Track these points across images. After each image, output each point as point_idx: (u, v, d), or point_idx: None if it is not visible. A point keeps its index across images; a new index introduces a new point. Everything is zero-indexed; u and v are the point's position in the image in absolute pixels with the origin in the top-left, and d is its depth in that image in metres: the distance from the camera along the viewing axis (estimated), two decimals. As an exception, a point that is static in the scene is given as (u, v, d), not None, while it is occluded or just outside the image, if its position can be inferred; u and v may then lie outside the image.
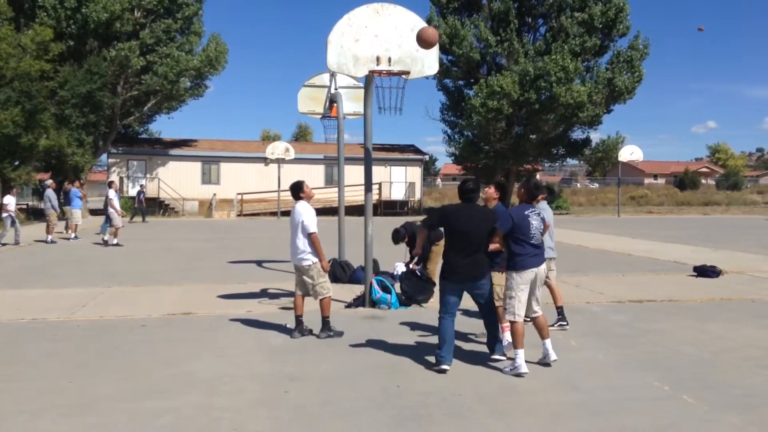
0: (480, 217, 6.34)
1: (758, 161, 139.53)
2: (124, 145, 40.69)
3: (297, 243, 7.46)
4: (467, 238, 6.20)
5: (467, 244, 6.20)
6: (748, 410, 5.04)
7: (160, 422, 4.76)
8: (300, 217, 7.43)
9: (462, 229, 6.22)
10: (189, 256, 16.38)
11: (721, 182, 74.58)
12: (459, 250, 6.23)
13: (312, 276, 7.45)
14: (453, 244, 6.29)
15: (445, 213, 6.44)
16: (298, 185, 7.70)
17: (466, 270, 6.22)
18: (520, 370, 5.93)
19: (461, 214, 6.31)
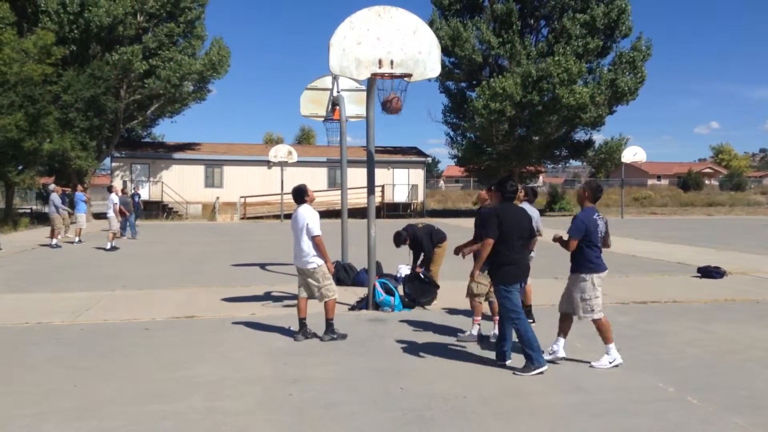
0: (526, 215, 6.56)
1: (761, 162, 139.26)
2: (128, 148, 40.77)
3: (302, 246, 7.46)
4: (522, 238, 6.34)
5: (522, 244, 6.35)
6: (752, 411, 5.02)
7: (163, 426, 4.76)
8: (304, 221, 7.44)
9: (518, 229, 6.31)
10: (192, 259, 16.40)
11: (724, 183, 74.43)
12: (517, 251, 6.27)
13: (317, 279, 7.45)
14: (511, 245, 6.22)
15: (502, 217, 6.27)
16: (302, 189, 7.71)
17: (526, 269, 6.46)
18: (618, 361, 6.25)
19: (516, 215, 6.40)
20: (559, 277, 12.57)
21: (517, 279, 6.30)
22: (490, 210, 6.75)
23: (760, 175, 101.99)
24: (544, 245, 8.89)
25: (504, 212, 6.33)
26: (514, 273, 6.26)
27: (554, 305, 9.53)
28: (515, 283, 6.27)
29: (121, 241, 19.98)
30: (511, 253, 6.22)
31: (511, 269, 6.24)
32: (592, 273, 6.28)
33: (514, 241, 6.23)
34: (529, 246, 7.00)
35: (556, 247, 6.58)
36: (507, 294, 6.22)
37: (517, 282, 6.29)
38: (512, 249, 6.23)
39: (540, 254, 9.39)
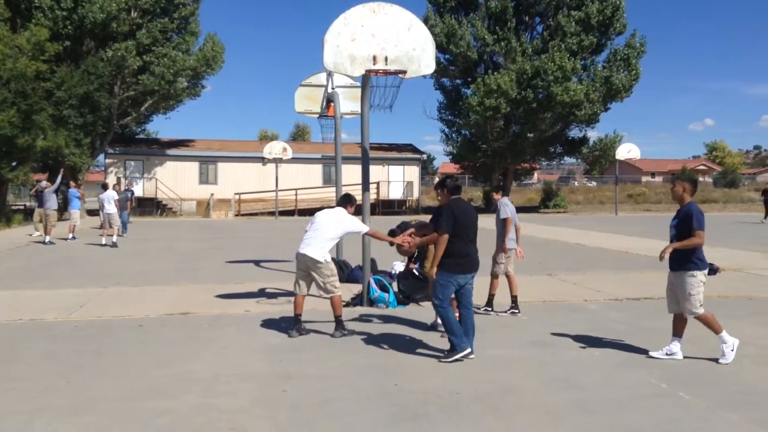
0: (473, 212, 6.74)
1: (755, 159, 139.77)
2: (122, 145, 40.66)
3: (317, 241, 7.45)
4: (472, 230, 6.54)
5: (472, 237, 6.53)
6: (746, 407, 5.04)
7: (157, 423, 4.75)
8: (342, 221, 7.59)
9: (469, 222, 6.53)
10: (187, 256, 16.37)
11: (718, 180, 74.64)
12: (468, 242, 6.47)
13: (323, 274, 7.45)
14: (462, 237, 6.43)
15: (453, 211, 6.49)
16: (351, 199, 7.90)
17: (476, 263, 6.58)
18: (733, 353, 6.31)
19: (465, 208, 6.61)
20: (553, 273, 12.62)
21: (466, 271, 6.49)
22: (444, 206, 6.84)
23: (753, 172, 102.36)
24: (538, 242, 8.87)
25: (457, 208, 6.53)
26: (465, 265, 6.47)
27: (546, 302, 9.61)
28: (461, 274, 6.45)
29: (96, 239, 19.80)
30: (466, 247, 6.46)
31: (463, 262, 6.45)
32: (700, 269, 6.35)
33: (467, 235, 6.47)
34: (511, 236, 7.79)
35: (551, 245, 6.57)
36: (446, 282, 6.44)
37: (464, 274, 6.47)
38: (469, 242, 6.50)
39: (534, 251, 9.44)
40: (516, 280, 8.96)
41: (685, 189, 6.44)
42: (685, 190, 6.44)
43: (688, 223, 6.25)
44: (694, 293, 6.29)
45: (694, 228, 6.20)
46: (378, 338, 7.26)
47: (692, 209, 6.29)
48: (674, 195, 6.53)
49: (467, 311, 6.62)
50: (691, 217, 6.23)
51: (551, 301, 9.73)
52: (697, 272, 6.31)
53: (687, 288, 6.30)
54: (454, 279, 6.45)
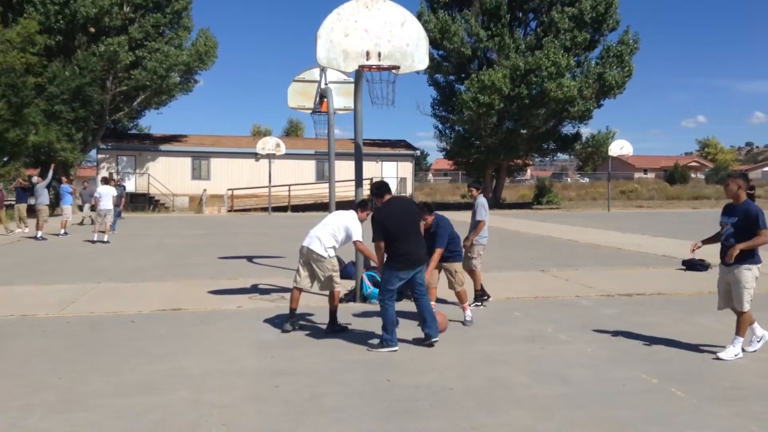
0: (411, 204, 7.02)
1: (747, 155, 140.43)
2: (114, 140, 40.54)
3: (323, 236, 7.44)
4: (407, 228, 6.73)
5: (411, 233, 6.74)
6: (735, 402, 5.07)
7: (149, 418, 4.75)
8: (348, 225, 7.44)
9: (405, 221, 6.74)
10: (179, 252, 16.34)
11: (710, 176, 74.98)
12: (405, 240, 6.68)
13: (325, 268, 7.45)
14: (397, 238, 6.68)
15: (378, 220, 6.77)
16: (364, 204, 7.77)
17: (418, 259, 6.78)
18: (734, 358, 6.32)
19: (398, 209, 6.83)
20: (545, 270, 12.66)
21: (408, 268, 6.70)
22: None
23: (745, 168, 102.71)
24: (531, 239, 8.89)
25: (382, 214, 6.81)
26: (405, 262, 6.69)
27: (538, 297, 9.65)
28: (406, 270, 6.69)
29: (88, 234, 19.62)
30: (403, 246, 6.68)
31: (404, 259, 6.69)
32: (757, 264, 6.40)
33: (405, 235, 6.69)
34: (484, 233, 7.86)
35: (544, 242, 6.60)
36: (388, 279, 6.71)
37: (408, 269, 6.69)
38: (405, 241, 6.69)
39: (527, 248, 9.45)
40: (481, 274, 9.08)
41: (740, 186, 6.46)
42: (740, 187, 6.46)
43: (752, 222, 6.27)
44: (749, 287, 6.35)
45: (759, 227, 6.23)
46: (370, 334, 7.27)
47: (754, 209, 6.33)
48: (729, 193, 6.52)
49: (419, 301, 6.86)
50: (757, 218, 6.26)
51: (543, 297, 9.77)
52: (753, 266, 6.36)
53: (742, 281, 6.34)
54: (397, 275, 6.71)
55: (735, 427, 4.57)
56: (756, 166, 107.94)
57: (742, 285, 6.32)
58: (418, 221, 6.89)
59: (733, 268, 6.36)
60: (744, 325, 6.40)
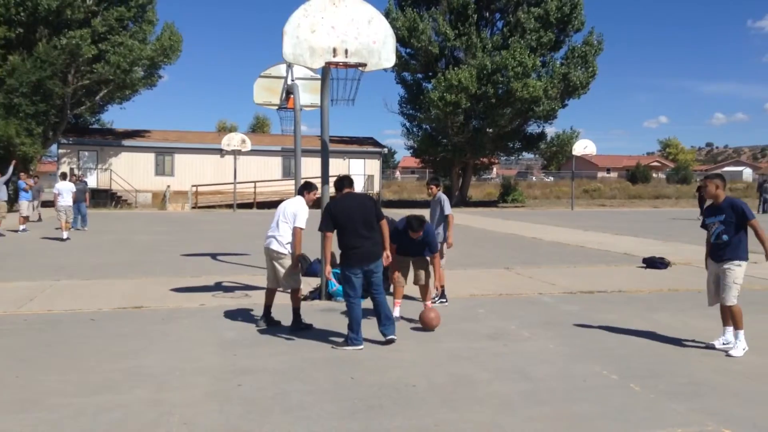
0: (364, 199, 6.95)
1: (707, 156, 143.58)
2: (75, 135, 39.74)
3: (279, 231, 7.45)
4: (358, 223, 6.67)
5: (361, 229, 6.67)
6: (692, 398, 5.18)
7: (108, 417, 4.67)
8: (295, 210, 7.45)
9: (354, 216, 6.68)
10: (141, 249, 16.10)
11: (671, 176, 76.46)
12: (357, 237, 6.65)
13: (284, 265, 7.43)
14: (350, 233, 6.67)
15: (330, 209, 6.80)
16: (309, 185, 7.80)
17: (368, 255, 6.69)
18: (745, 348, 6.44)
19: (348, 203, 6.80)
20: (510, 267, 12.78)
21: (360, 263, 6.65)
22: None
23: (705, 168, 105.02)
24: (496, 236, 8.98)
25: (335, 206, 6.80)
26: (355, 258, 6.64)
27: (502, 295, 9.73)
28: (357, 266, 6.64)
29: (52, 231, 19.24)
30: (350, 240, 6.65)
31: (352, 254, 6.65)
32: (746, 261, 6.50)
33: (352, 230, 6.65)
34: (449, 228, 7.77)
35: (509, 240, 6.67)
36: (348, 276, 6.67)
37: (358, 266, 6.66)
38: (352, 236, 6.65)
39: (492, 246, 9.53)
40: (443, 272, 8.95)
41: (718, 186, 6.61)
42: (718, 187, 6.61)
43: (739, 215, 6.41)
44: (739, 282, 6.48)
45: (748, 218, 6.39)
46: (335, 332, 7.25)
47: (738, 202, 6.50)
48: (708, 194, 6.67)
49: (376, 300, 6.84)
50: (743, 210, 6.41)
51: (507, 294, 9.86)
52: (743, 263, 6.49)
53: (733, 277, 6.46)
54: (350, 271, 6.66)
55: (691, 422, 4.67)
56: (716, 166, 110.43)
57: (732, 280, 6.46)
58: (372, 217, 6.78)
59: (725, 264, 6.49)
60: (739, 318, 6.50)
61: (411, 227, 7.79)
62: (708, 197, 6.72)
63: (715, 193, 6.59)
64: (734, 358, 6.35)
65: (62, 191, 18.16)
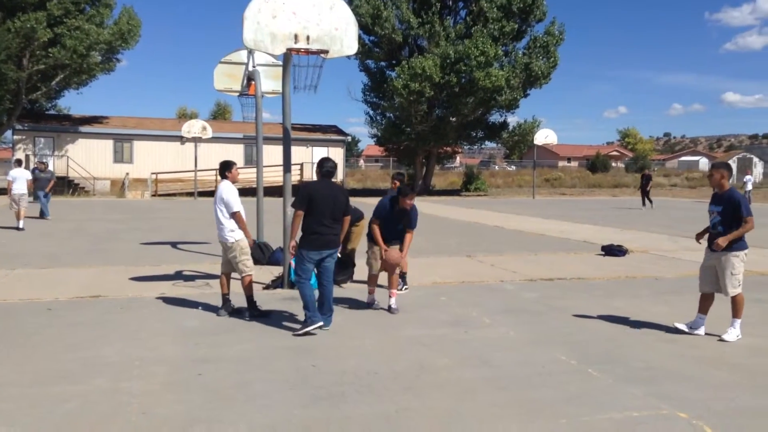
0: (336, 190, 6.95)
1: (665, 145, 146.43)
2: (31, 121, 38.69)
3: (220, 219, 7.48)
4: (328, 210, 6.77)
5: (329, 217, 6.77)
6: (648, 382, 5.30)
7: (65, 408, 4.59)
8: (221, 196, 7.48)
9: (325, 202, 6.76)
10: (100, 237, 15.80)
11: (630, 165, 77.75)
12: (323, 224, 6.76)
13: (235, 253, 7.45)
14: (318, 218, 6.75)
15: (309, 191, 6.82)
16: (224, 165, 7.78)
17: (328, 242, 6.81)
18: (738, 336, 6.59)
19: (324, 189, 6.86)
20: (472, 255, 12.88)
21: (319, 248, 6.79)
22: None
23: (663, 158, 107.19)
24: (459, 225, 9.01)
25: (314, 188, 6.83)
26: (316, 242, 6.77)
27: (465, 282, 9.81)
28: (315, 250, 6.78)
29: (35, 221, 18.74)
30: (316, 225, 6.75)
31: (314, 238, 6.76)
32: (744, 249, 6.55)
33: (319, 215, 6.74)
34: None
35: (471, 228, 6.71)
36: (300, 257, 6.83)
37: (316, 250, 6.79)
38: (317, 221, 6.75)
39: (455, 234, 9.58)
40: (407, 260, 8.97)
41: (723, 176, 6.65)
42: (723, 176, 6.65)
43: (735, 210, 6.47)
44: (737, 273, 6.55)
45: (743, 214, 6.44)
46: (297, 320, 7.22)
47: (737, 197, 6.54)
48: (713, 182, 6.72)
49: (324, 288, 6.95)
50: (739, 205, 6.46)
51: (469, 282, 9.93)
52: (740, 252, 6.56)
53: (731, 268, 6.53)
54: (307, 255, 6.78)
55: (646, 406, 4.77)
56: (673, 155, 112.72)
57: (730, 271, 6.55)
58: (340, 211, 6.88)
59: (722, 254, 6.57)
60: (739, 307, 6.61)
61: (403, 193, 7.81)
62: (712, 186, 6.80)
63: (720, 182, 6.65)
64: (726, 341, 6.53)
65: (16, 178, 17.61)
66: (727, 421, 4.50)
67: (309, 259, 6.81)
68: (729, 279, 6.56)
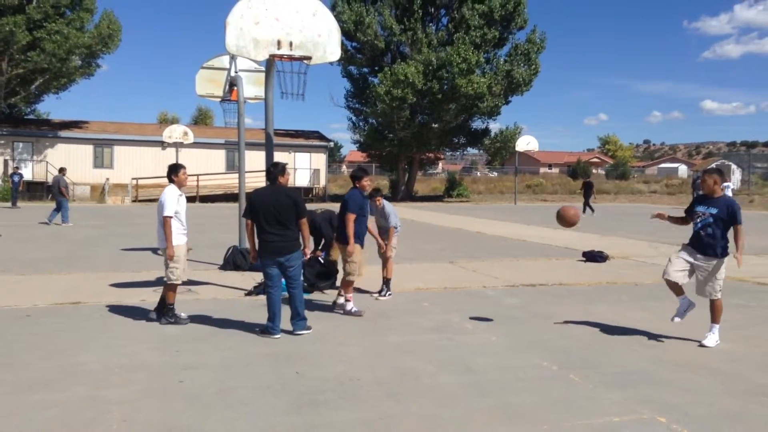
0: (282, 195, 6.88)
1: (645, 152, 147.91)
2: (9, 125, 38.28)
3: (158, 225, 7.43)
4: (270, 215, 6.74)
5: (271, 221, 6.73)
6: (627, 387, 5.35)
7: (44, 416, 4.54)
8: (161, 200, 7.36)
9: (266, 209, 6.74)
10: (79, 243, 15.65)
11: (610, 172, 78.34)
12: (266, 230, 6.75)
13: (165, 260, 7.38)
14: (260, 225, 6.78)
15: (251, 198, 6.88)
16: (174, 168, 7.60)
17: (274, 249, 6.79)
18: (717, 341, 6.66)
19: (265, 195, 6.85)
20: (454, 261, 12.92)
21: (271, 255, 6.80)
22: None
23: (643, 165, 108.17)
24: (440, 231, 9.04)
25: (255, 195, 6.89)
26: (266, 249, 6.81)
27: (447, 288, 9.84)
28: (267, 257, 6.81)
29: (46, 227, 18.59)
30: (262, 233, 6.81)
31: (263, 246, 6.82)
32: (728, 255, 6.66)
33: (264, 222, 6.76)
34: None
35: (453, 234, 6.73)
36: (262, 266, 6.90)
37: (268, 257, 6.81)
38: (261, 228, 6.80)
39: (437, 240, 9.59)
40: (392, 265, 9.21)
41: (716, 181, 6.73)
42: (716, 182, 6.73)
43: (732, 217, 6.56)
44: (721, 278, 6.65)
45: (737, 222, 6.56)
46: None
47: (735, 204, 6.66)
48: (706, 188, 6.78)
49: (290, 294, 6.98)
50: (736, 213, 6.56)
51: (451, 288, 9.96)
52: (726, 259, 6.67)
53: (717, 273, 6.63)
54: (262, 261, 6.86)
55: (626, 410, 4.82)
56: (653, 162, 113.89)
57: (717, 276, 6.65)
58: (287, 215, 6.77)
59: (712, 260, 6.64)
60: (718, 312, 6.70)
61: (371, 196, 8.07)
62: (705, 191, 6.87)
63: (713, 188, 6.74)
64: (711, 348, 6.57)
65: None
66: (706, 426, 4.55)
67: (267, 266, 6.84)
68: (715, 283, 6.65)
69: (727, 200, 6.72)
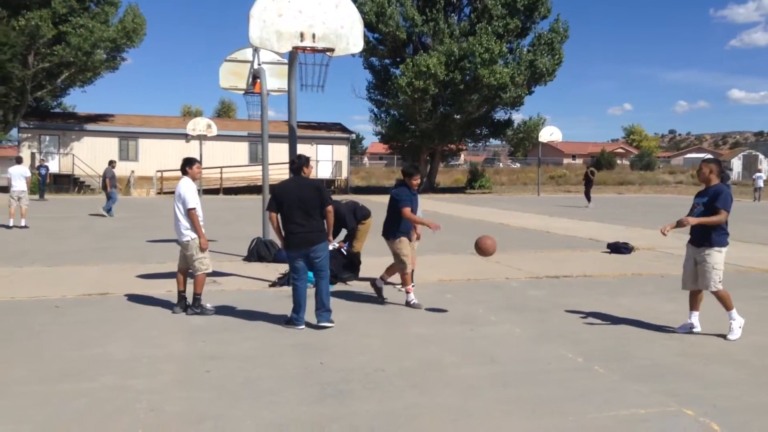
0: (306, 186, 6.89)
1: (670, 143, 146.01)
2: (36, 119, 38.85)
3: (178, 217, 7.48)
4: (294, 208, 6.73)
5: (297, 214, 6.73)
6: (654, 379, 5.30)
7: (74, 405, 4.62)
8: (179, 193, 7.44)
9: (291, 200, 6.74)
10: (106, 234, 15.86)
11: (635, 163, 77.49)
12: (293, 222, 6.75)
13: (191, 251, 7.44)
14: (288, 217, 6.77)
15: (275, 191, 6.94)
16: (188, 161, 7.69)
17: (301, 240, 6.77)
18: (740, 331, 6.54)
19: (289, 187, 6.88)
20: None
21: (297, 246, 6.79)
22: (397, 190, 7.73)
23: (668, 155, 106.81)
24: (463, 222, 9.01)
25: (279, 187, 6.96)
26: (290, 242, 6.81)
27: (470, 279, 9.82)
28: (294, 250, 6.81)
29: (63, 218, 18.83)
30: (288, 224, 6.79)
31: (290, 238, 6.81)
32: (726, 246, 6.55)
33: (289, 214, 6.76)
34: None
35: (476, 225, 6.71)
36: (288, 258, 6.98)
37: (295, 249, 6.80)
38: (288, 220, 6.78)
39: (460, 231, 9.57)
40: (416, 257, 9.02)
41: (712, 170, 6.64)
42: (712, 171, 6.64)
43: (713, 199, 6.47)
44: (718, 268, 6.52)
45: (719, 206, 6.41)
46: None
47: (721, 189, 6.53)
48: (701, 176, 6.71)
49: (317, 285, 6.93)
50: (717, 196, 6.44)
51: (475, 279, 9.94)
52: (722, 249, 6.54)
53: (712, 263, 6.50)
54: (289, 254, 6.91)
55: (653, 403, 4.78)
56: (678, 152, 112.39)
57: (711, 266, 6.51)
58: (312, 205, 6.78)
59: (704, 249, 6.55)
60: (726, 299, 6.57)
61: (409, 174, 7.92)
62: (701, 180, 6.78)
63: (708, 176, 6.63)
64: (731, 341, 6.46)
65: (14, 175, 17.24)
66: (733, 419, 4.50)
67: (293, 259, 6.85)
68: (711, 273, 6.52)
69: (718, 187, 6.57)
